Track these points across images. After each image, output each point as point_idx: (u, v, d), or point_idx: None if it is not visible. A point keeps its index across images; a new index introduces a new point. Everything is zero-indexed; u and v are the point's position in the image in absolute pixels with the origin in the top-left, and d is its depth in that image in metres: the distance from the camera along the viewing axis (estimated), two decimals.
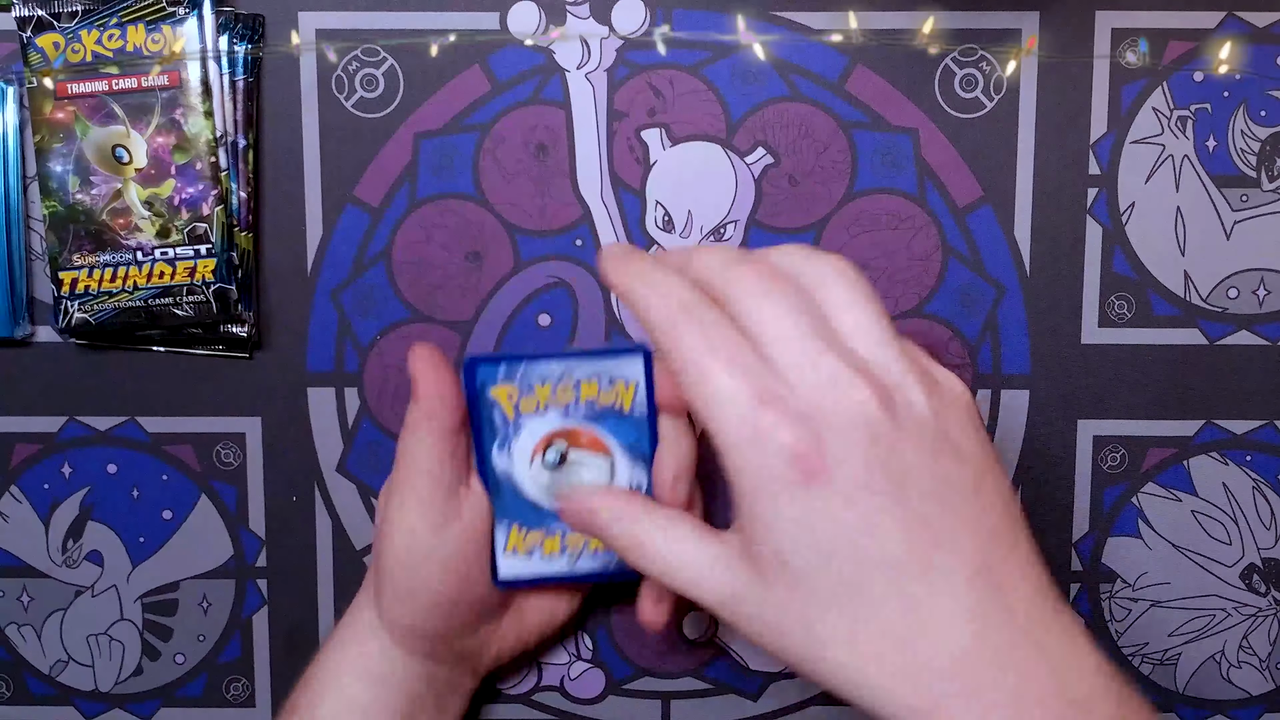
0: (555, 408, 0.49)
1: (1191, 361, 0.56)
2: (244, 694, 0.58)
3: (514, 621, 0.53)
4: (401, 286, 0.55)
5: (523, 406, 0.49)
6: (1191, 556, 0.57)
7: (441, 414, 0.48)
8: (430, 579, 0.49)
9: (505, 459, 0.49)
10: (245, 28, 0.53)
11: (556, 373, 0.49)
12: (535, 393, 0.49)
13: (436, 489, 0.48)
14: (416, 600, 0.49)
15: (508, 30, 0.54)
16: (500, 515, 0.50)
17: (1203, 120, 0.55)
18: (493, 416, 0.49)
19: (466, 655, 0.52)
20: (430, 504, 0.48)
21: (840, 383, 0.38)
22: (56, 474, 0.56)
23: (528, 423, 0.49)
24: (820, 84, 0.54)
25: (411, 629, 0.50)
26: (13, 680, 0.58)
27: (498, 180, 0.55)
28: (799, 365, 0.39)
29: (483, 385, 0.49)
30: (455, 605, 0.49)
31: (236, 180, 0.54)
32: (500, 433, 0.49)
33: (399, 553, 0.48)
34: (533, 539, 0.50)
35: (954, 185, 0.55)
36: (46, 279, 0.55)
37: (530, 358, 0.49)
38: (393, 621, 0.50)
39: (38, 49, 0.52)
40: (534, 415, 0.49)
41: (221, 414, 0.56)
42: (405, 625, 0.50)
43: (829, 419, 0.38)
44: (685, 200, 0.55)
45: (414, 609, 0.49)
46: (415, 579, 0.49)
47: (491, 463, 0.49)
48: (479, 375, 0.49)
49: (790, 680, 0.57)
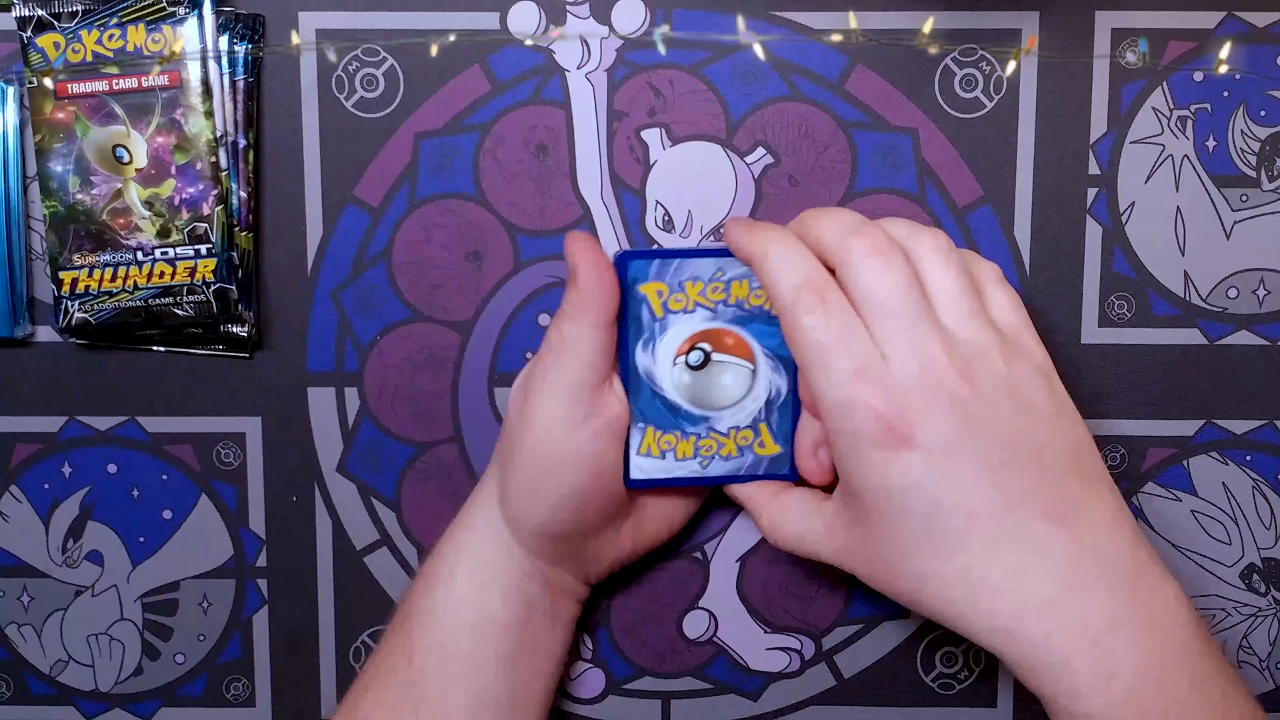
0: (704, 307, 0.49)
1: (1191, 361, 0.56)
2: (244, 694, 0.58)
3: (632, 530, 0.53)
4: (401, 286, 0.55)
5: (671, 304, 0.49)
6: (1191, 556, 0.57)
7: (601, 303, 0.48)
8: (565, 474, 0.49)
9: (648, 358, 0.50)
10: (245, 28, 0.53)
11: (709, 271, 0.49)
12: (685, 291, 0.49)
13: (589, 379, 0.48)
14: (547, 496, 0.49)
15: (508, 30, 0.54)
16: (637, 416, 0.50)
17: (1203, 120, 0.55)
18: (640, 313, 0.49)
19: (584, 560, 0.52)
20: (580, 394, 0.48)
21: (929, 358, 0.44)
22: (56, 474, 0.57)
23: (674, 322, 0.50)
24: (820, 84, 0.54)
25: (536, 527, 0.50)
26: (13, 680, 0.58)
27: (498, 180, 0.55)
28: (896, 340, 0.44)
29: (633, 281, 0.49)
30: (584, 505, 0.49)
31: (237, 180, 0.54)
32: (647, 330, 0.50)
33: (539, 444, 0.48)
34: (666, 441, 0.50)
35: (954, 185, 0.55)
36: (47, 279, 0.55)
37: (685, 254, 0.49)
38: (517, 518, 0.50)
39: (38, 49, 0.52)
40: (682, 314, 0.49)
41: (221, 414, 0.56)
42: (531, 523, 0.50)
43: (915, 391, 0.43)
44: (685, 200, 0.55)
45: (544, 505, 0.49)
46: (550, 473, 0.49)
47: (634, 361, 0.50)
48: (630, 270, 0.49)
49: (790, 680, 0.57)
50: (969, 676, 0.57)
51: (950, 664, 0.57)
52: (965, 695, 0.57)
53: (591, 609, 0.57)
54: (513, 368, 0.55)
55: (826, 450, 0.50)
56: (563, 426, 0.48)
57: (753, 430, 0.51)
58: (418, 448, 0.56)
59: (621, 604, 0.57)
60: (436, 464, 0.56)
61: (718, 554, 0.57)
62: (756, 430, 0.51)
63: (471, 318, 0.56)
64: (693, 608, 0.57)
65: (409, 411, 0.56)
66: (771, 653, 0.57)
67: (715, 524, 0.57)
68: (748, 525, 0.57)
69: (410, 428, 0.56)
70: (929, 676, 0.57)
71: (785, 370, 0.50)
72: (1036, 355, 0.47)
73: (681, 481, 0.51)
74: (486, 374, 0.56)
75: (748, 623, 0.57)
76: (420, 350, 0.56)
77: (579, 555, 0.52)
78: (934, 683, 0.57)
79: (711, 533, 0.57)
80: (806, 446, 0.50)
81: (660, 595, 0.57)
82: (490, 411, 0.56)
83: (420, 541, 0.57)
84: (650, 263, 0.49)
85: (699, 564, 0.57)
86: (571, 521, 0.50)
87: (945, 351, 0.44)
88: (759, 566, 0.57)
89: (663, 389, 0.50)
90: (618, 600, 0.57)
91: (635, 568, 0.56)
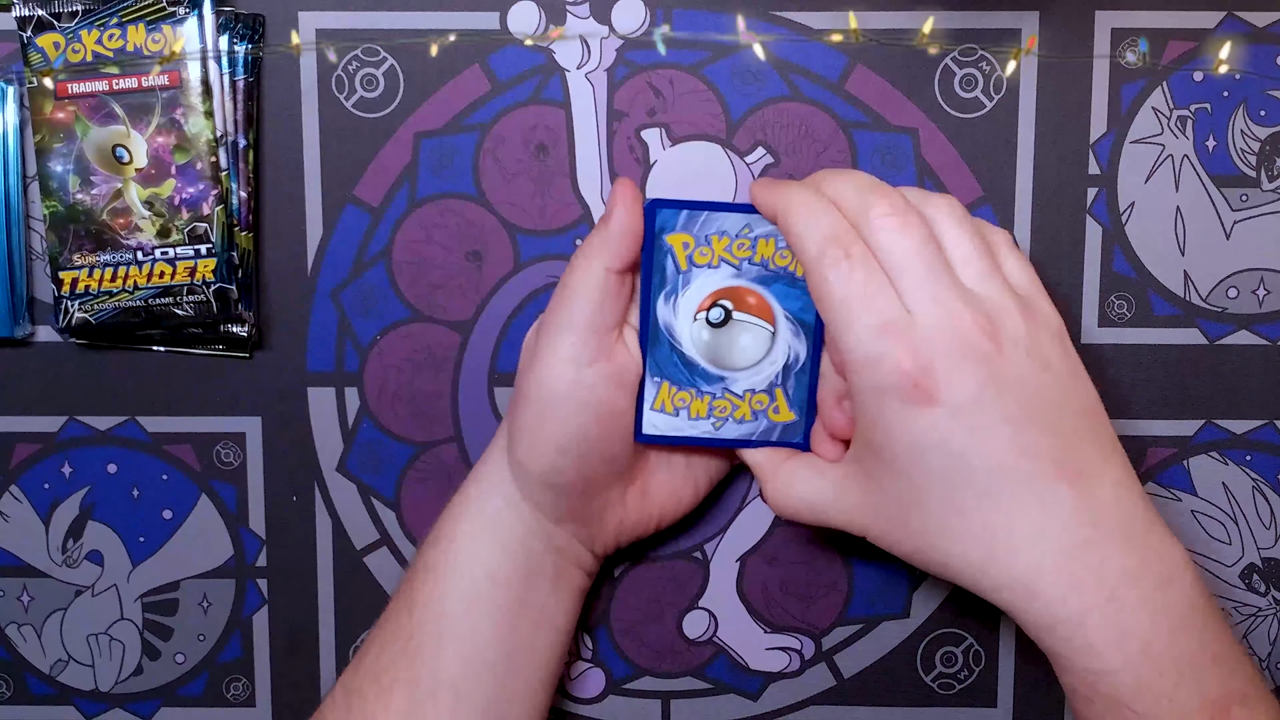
0: (729, 263, 0.49)
1: (1191, 361, 0.56)
2: (244, 694, 0.58)
3: (638, 497, 0.53)
4: (401, 286, 0.55)
5: (696, 258, 0.49)
6: (1191, 556, 0.57)
7: (619, 247, 0.48)
8: (570, 415, 0.49)
9: (669, 311, 0.50)
10: (245, 27, 0.53)
11: (736, 226, 0.49)
12: (711, 245, 0.49)
13: (595, 319, 0.48)
14: (552, 436, 0.49)
15: (508, 30, 0.54)
16: (653, 371, 0.50)
17: (1202, 120, 0.55)
18: (665, 264, 0.49)
19: (588, 520, 0.51)
20: (588, 335, 0.48)
21: (953, 314, 0.44)
22: (56, 474, 0.57)
23: (698, 276, 0.50)
24: (820, 84, 0.54)
25: (541, 474, 0.50)
26: (13, 680, 0.58)
27: (498, 180, 0.55)
28: (919, 297, 0.45)
29: (660, 230, 0.49)
30: (588, 452, 0.49)
31: (237, 180, 0.54)
32: (670, 283, 0.50)
33: (545, 380, 0.48)
34: (681, 398, 0.50)
35: (954, 185, 0.55)
36: (47, 279, 0.55)
37: (713, 207, 0.49)
38: (522, 463, 0.50)
39: (38, 49, 0.52)
40: (706, 269, 0.49)
41: (221, 414, 0.56)
42: (535, 468, 0.49)
43: (940, 346, 0.44)
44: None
45: (548, 446, 0.49)
46: (555, 412, 0.49)
47: (655, 312, 0.50)
48: (658, 219, 0.49)
49: (790, 680, 0.57)
50: (969, 676, 0.57)
51: (950, 664, 0.57)
52: (965, 695, 0.57)
53: (592, 609, 0.57)
54: (513, 368, 0.55)
55: (851, 402, 0.49)
56: (569, 366, 0.48)
57: (768, 395, 0.51)
58: (418, 448, 0.56)
59: (621, 604, 0.57)
60: (436, 464, 0.56)
61: (718, 554, 0.57)
62: (772, 395, 0.51)
63: (471, 318, 0.56)
64: (693, 608, 0.57)
65: (409, 411, 0.56)
66: (771, 653, 0.57)
67: (715, 524, 0.57)
68: (748, 525, 0.57)
69: (410, 428, 0.56)
70: (929, 676, 0.57)
71: (805, 336, 0.50)
72: (1052, 318, 0.47)
73: (693, 440, 0.51)
74: (486, 374, 0.56)
75: (748, 623, 0.57)
76: (420, 350, 0.56)
77: (583, 514, 0.51)
78: (934, 683, 0.57)
79: (711, 533, 0.57)
80: (830, 399, 0.50)
81: (660, 595, 0.57)
82: (490, 411, 0.56)
83: (420, 541, 0.57)
84: (679, 213, 0.49)
85: (699, 564, 0.57)
86: (575, 470, 0.50)
87: (969, 308, 0.45)
88: (759, 566, 0.57)
89: (681, 344, 0.50)
90: (618, 600, 0.57)
91: (635, 567, 0.56)
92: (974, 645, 0.57)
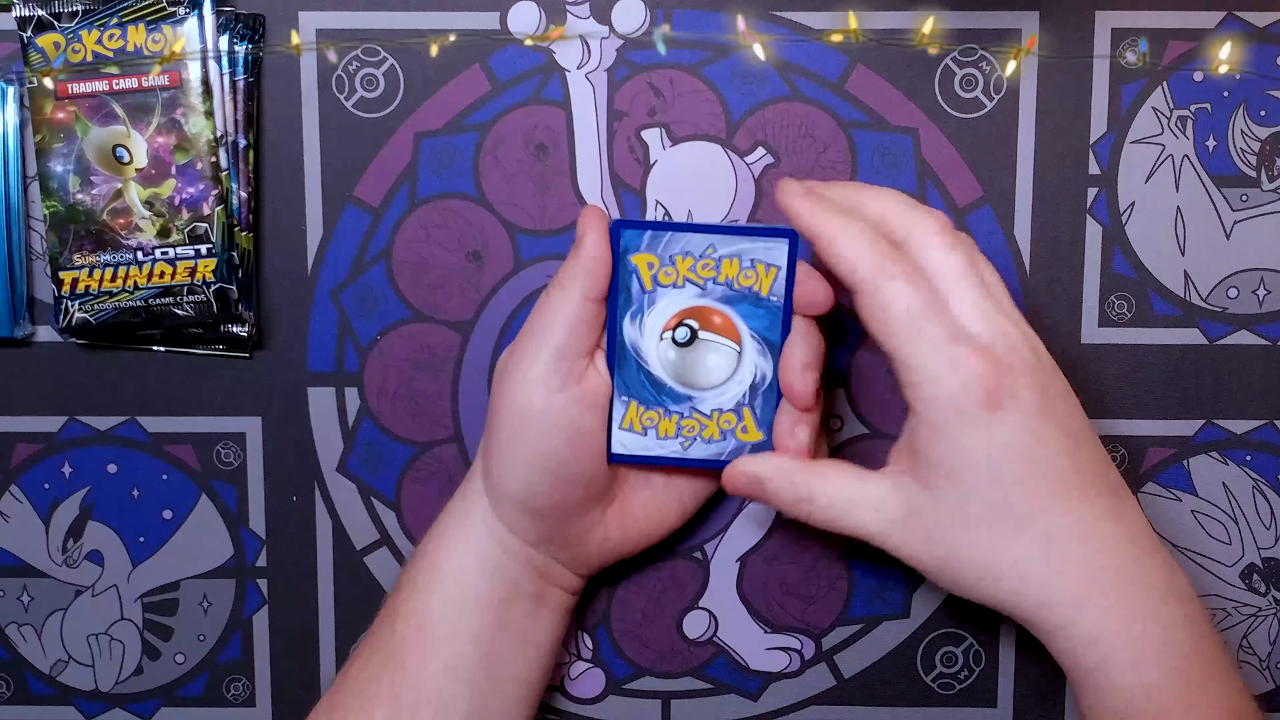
0: (693, 283, 0.50)
1: (1191, 361, 0.56)
2: (244, 694, 0.58)
3: (619, 518, 0.52)
4: (401, 286, 0.55)
5: (661, 278, 0.50)
6: (1191, 556, 0.57)
7: (595, 275, 0.49)
8: (542, 439, 0.49)
9: (635, 330, 0.50)
10: (245, 28, 0.53)
11: (700, 247, 0.49)
12: (676, 265, 0.49)
13: (568, 345, 0.48)
14: (524, 460, 0.49)
15: (508, 30, 0.54)
16: (620, 390, 0.50)
17: (1202, 120, 0.55)
18: (630, 284, 0.50)
19: (568, 543, 0.51)
20: (560, 361, 0.48)
21: (1005, 331, 0.46)
22: (57, 474, 0.57)
23: (663, 296, 0.50)
24: (820, 84, 0.54)
25: (515, 499, 0.50)
26: (13, 680, 0.58)
27: (498, 180, 0.55)
28: (974, 315, 0.46)
29: (624, 250, 0.49)
30: (561, 475, 0.49)
31: (237, 180, 0.54)
32: (635, 303, 0.50)
33: (517, 404, 0.49)
34: (649, 417, 0.51)
35: (954, 185, 0.55)
36: (47, 279, 0.55)
37: (677, 227, 0.49)
38: (497, 488, 0.50)
39: (38, 49, 0.52)
40: (671, 289, 0.50)
41: (221, 414, 0.56)
42: (509, 493, 0.50)
43: (1004, 359, 0.45)
44: (685, 200, 0.55)
45: (521, 471, 0.49)
46: (527, 435, 0.49)
47: (622, 333, 0.50)
48: (623, 239, 0.49)
49: (790, 680, 0.57)
50: (969, 676, 0.57)
51: (950, 664, 0.57)
52: (965, 695, 0.57)
53: (592, 609, 0.57)
54: None
55: (805, 429, 0.49)
56: (540, 389, 0.48)
57: (735, 414, 0.51)
58: (418, 448, 0.56)
59: (621, 604, 0.57)
60: (436, 464, 0.56)
61: (718, 554, 0.57)
62: (740, 414, 0.51)
63: (471, 318, 0.56)
64: (693, 608, 0.57)
65: (409, 411, 0.56)
66: (771, 653, 0.57)
67: (715, 524, 0.57)
68: (748, 525, 0.57)
69: (410, 428, 0.56)
70: (929, 676, 0.57)
71: (770, 355, 0.50)
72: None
73: (662, 460, 0.51)
74: (486, 374, 0.56)
75: (748, 623, 0.57)
76: (420, 350, 0.56)
77: (562, 538, 0.51)
78: (934, 683, 0.57)
79: (711, 533, 0.57)
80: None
81: (660, 595, 0.57)
82: None
83: (413, 550, 0.57)
84: (643, 233, 0.49)
85: (699, 564, 0.57)
86: (550, 493, 0.50)
87: (1015, 327, 0.46)
88: (759, 566, 0.57)
89: (648, 363, 0.50)
90: (618, 600, 0.57)
91: (635, 567, 0.56)
92: (974, 645, 0.57)
